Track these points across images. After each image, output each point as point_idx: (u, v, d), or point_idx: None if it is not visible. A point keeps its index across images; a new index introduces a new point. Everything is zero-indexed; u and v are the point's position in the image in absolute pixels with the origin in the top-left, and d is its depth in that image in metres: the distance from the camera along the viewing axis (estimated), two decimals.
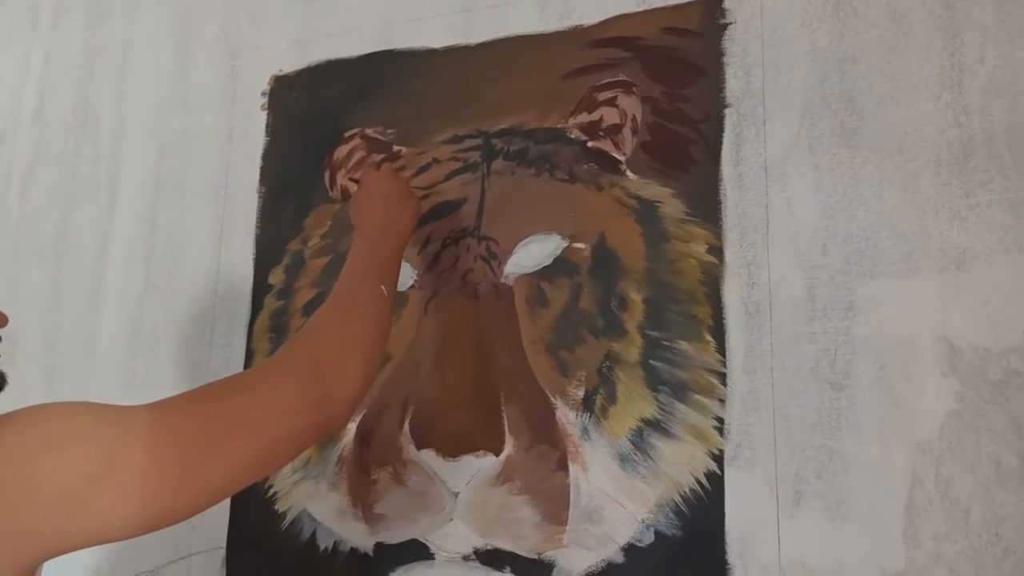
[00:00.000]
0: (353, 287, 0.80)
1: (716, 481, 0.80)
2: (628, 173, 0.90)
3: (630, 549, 0.82)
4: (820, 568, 0.76)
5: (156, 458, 0.58)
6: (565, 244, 0.90)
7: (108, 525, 0.57)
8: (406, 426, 0.92)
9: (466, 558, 0.88)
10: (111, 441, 0.58)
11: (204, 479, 0.61)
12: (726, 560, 0.78)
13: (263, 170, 1.12)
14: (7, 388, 0.71)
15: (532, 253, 0.91)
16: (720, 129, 0.87)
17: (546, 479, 0.86)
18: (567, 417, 0.87)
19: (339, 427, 0.72)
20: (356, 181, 0.97)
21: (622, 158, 0.91)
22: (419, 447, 0.91)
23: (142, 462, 0.57)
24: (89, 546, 0.58)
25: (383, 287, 0.80)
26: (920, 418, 0.75)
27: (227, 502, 1.04)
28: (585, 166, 0.92)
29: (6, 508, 0.55)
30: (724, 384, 0.82)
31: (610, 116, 0.92)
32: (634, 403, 0.84)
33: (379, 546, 0.93)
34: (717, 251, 0.84)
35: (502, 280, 0.92)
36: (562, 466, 0.86)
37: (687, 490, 0.81)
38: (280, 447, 0.67)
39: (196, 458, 0.60)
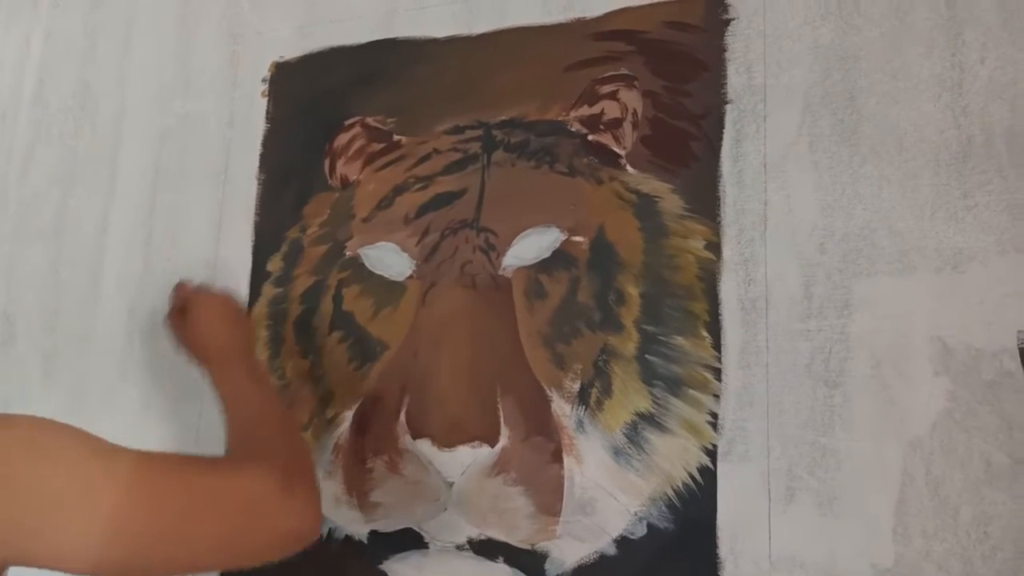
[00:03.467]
0: (267, 417, 0.80)
1: (709, 475, 0.81)
2: (628, 167, 0.90)
3: (622, 541, 0.83)
4: (811, 563, 0.76)
5: (130, 509, 0.58)
6: (564, 237, 0.91)
7: (65, 554, 0.58)
8: (402, 415, 0.93)
9: (460, 548, 0.89)
10: (94, 473, 0.59)
11: (166, 550, 0.61)
12: (717, 554, 0.79)
13: (263, 157, 1.12)
14: None
15: (531, 245, 0.92)
16: (721, 125, 0.87)
17: (540, 471, 0.87)
18: (562, 409, 0.87)
19: (310, 540, 0.70)
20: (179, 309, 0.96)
21: (622, 152, 0.91)
22: (415, 436, 0.92)
23: (116, 506, 0.58)
24: (39, 567, 0.58)
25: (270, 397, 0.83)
26: (912, 416, 0.75)
27: None
28: (585, 159, 0.92)
29: None
30: (719, 379, 0.82)
31: (611, 110, 0.92)
32: (629, 397, 0.85)
33: (374, 534, 0.94)
34: (715, 247, 0.85)
35: (500, 272, 0.93)
36: (556, 458, 0.86)
37: (680, 484, 0.82)
38: (249, 541, 0.65)
39: (167, 524, 0.60)
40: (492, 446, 0.88)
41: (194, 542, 0.62)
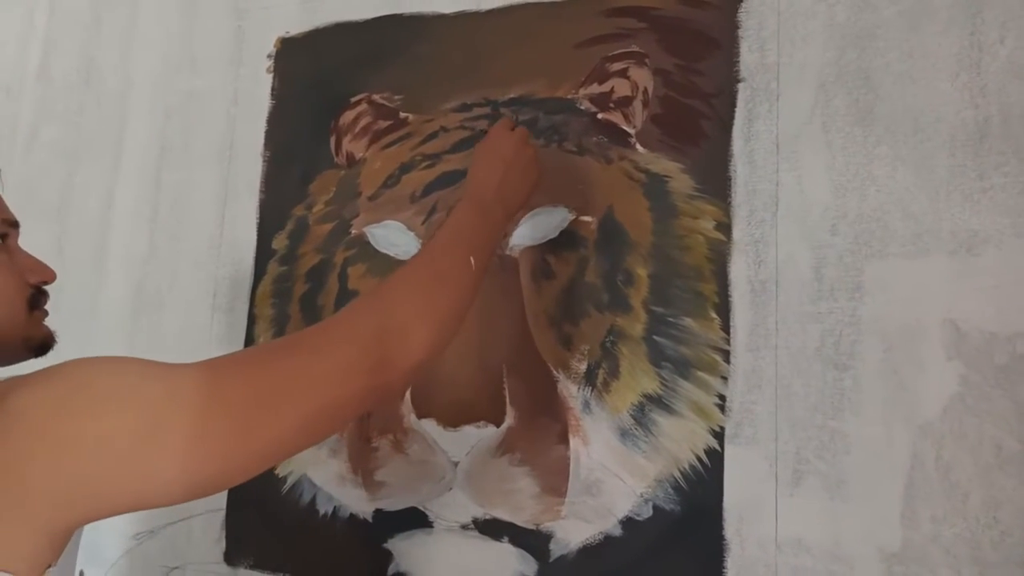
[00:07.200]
0: (442, 252, 0.73)
1: (716, 458, 0.80)
2: (638, 146, 0.89)
3: (628, 523, 0.83)
4: (817, 546, 0.76)
5: (205, 421, 0.55)
6: (572, 217, 0.90)
7: (151, 489, 0.55)
8: (408, 395, 0.92)
9: (465, 527, 0.89)
10: (159, 400, 0.55)
11: (254, 444, 0.58)
12: (723, 536, 0.79)
13: (268, 134, 1.11)
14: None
15: (538, 225, 0.91)
16: (733, 104, 0.85)
17: (546, 451, 0.86)
18: (569, 390, 0.87)
19: (395, 394, 0.66)
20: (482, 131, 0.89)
21: (632, 131, 0.90)
22: (420, 416, 0.91)
23: (190, 424, 0.55)
24: (130, 511, 0.56)
25: (472, 259, 0.73)
26: (923, 400, 0.75)
27: None
28: (594, 138, 0.91)
29: (46, 464, 0.52)
30: (727, 362, 0.81)
31: (621, 88, 0.91)
32: (636, 378, 0.84)
33: (378, 513, 0.94)
34: (725, 228, 0.84)
35: (507, 252, 0.92)
36: (563, 439, 0.86)
37: (687, 466, 0.81)
38: (333, 412, 0.62)
39: (246, 422, 0.57)
40: (497, 426, 0.88)
41: (281, 431, 0.59)
